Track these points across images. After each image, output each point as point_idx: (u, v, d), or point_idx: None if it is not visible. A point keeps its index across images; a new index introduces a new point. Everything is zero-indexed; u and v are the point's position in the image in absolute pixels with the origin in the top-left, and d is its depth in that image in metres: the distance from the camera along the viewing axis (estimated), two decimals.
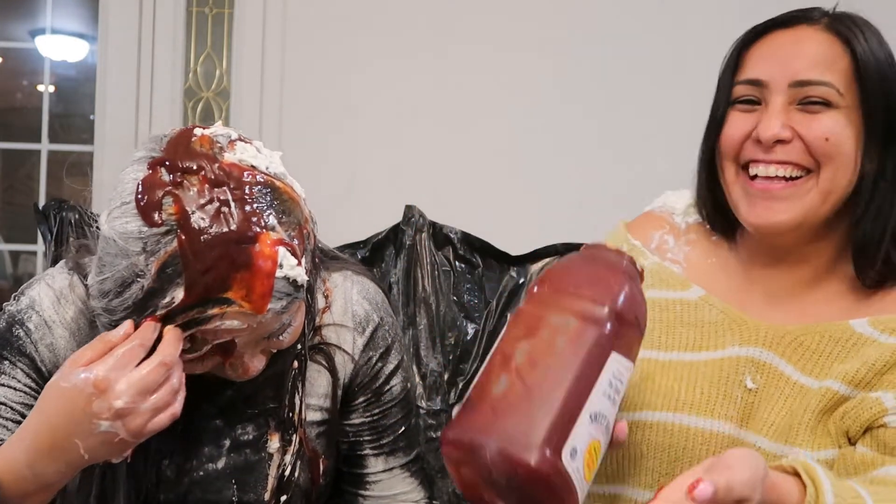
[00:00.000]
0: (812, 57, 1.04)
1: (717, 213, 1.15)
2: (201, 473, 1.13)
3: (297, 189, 1.02)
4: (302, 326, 1.06)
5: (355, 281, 1.20)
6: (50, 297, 1.11)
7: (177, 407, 0.96)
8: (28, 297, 1.11)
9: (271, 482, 1.13)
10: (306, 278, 0.98)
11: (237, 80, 2.63)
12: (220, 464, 1.14)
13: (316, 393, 1.16)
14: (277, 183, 0.99)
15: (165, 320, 0.94)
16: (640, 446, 1.08)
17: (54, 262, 1.55)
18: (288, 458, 1.13)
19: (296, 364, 1.12)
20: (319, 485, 1.16)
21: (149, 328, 0.94)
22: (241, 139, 1.02)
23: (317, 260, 1.10)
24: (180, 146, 0.98)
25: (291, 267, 0.95)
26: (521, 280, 1.60)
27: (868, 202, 1.05)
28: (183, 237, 0.92)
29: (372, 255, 1.63)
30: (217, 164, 0.96)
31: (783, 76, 1.05)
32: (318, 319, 1.15)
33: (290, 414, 1.13)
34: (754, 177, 1.06)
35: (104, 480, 1.09)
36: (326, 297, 1.17)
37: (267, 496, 1.13)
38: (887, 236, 1.06)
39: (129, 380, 0.92)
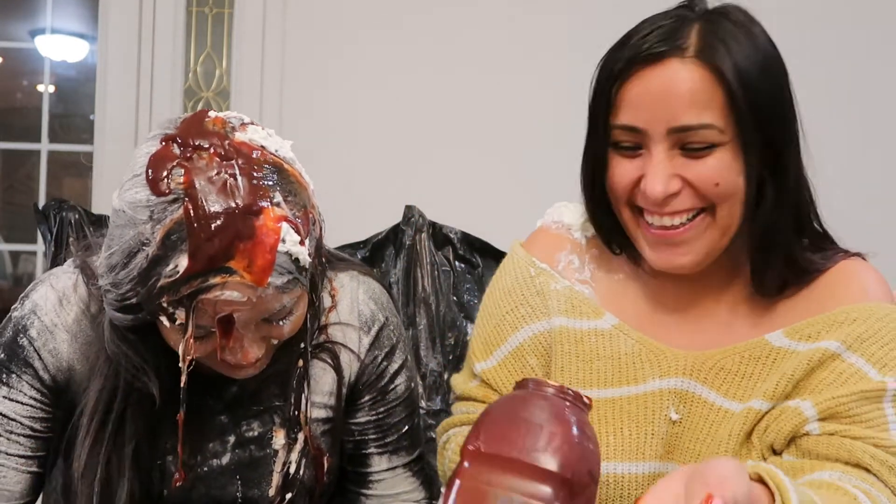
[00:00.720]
0: (686, 99, 0.97)
1: (614, 234, 1.10)
2: (206, 469, 1.13)
3: (304, 176, 1.04)
4: (304, 319, 1.06)
5: (361, 281, 1.21)
6: (52, 300, 1.12)
7: None
8: (31, 301, 1.12)
9: (276, 479, 1.13)
10: (309, 260, 0.99)
11: (237, 80, 2.63)
12: (225, 460, 1.14)
13: (321, 391, 1.17)
14: (286, 165, 1.01)
15: (169, 290, 0.95)
16: None
17: (54, 262, 1.56)
18: (294, 456, 1.14)
19: (300, 363, 1.12)
20: (323, 483, 1.16)
21: None
22: (252, 123, 1.04)
23: (324, 259, 1.10)
24: (193, 125, 1.00)
25: (294, 243, 0.97)
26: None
27: (764, 219, 1.02)
28: (189, 205, 0.94)
29: (372, 255, 1.63)
30: (228, 142, 0.99)
31: (660, 123, 0.98)
32: (323, 318, 1.16)
33: (296, 412, 1.13)
34: (651, 223, 1.02)
35: (109, 465, 1.08)
36: (332, 296, 1.18)
37: (271, 492, 1.13)
38: (782, 242, 1.03)
39: None
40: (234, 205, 0.94)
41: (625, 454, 1.05)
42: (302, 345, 1.11)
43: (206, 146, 0.98)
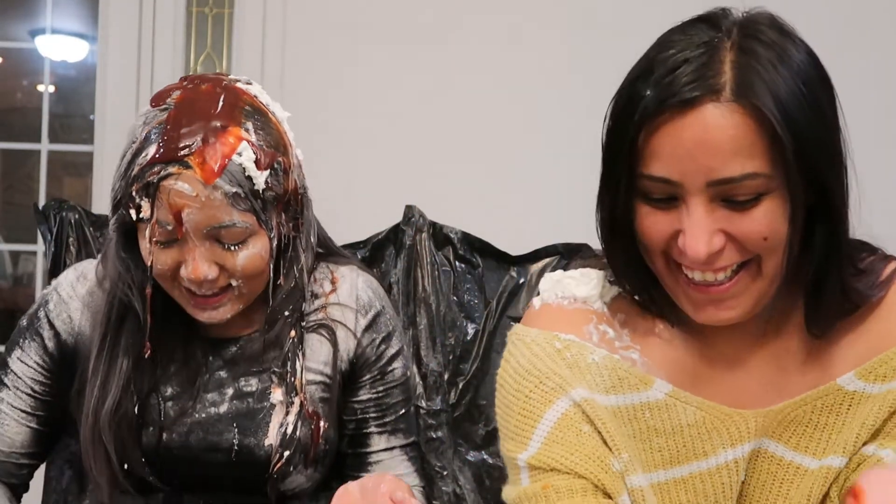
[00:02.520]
0: (727, 149, 0.84)
1: (648, 286, 0.97)
2: (203, 416, 1.22)
3: (289, 136, 1.21)
4: (264, 265, 1.18)
5: (361, 274, 1.33)
6: (71, 277, 1.31)
7: None
8: (55, 281, 1.32)
9: (273, 433, 1.21)
10: (264, 186, 1.14)
11: None
12: (223, 409, 1.23)
13: (317, 359, 1.26)
14: (270, 114, 1.19)
15: (139, 177, 1.12)
16: None
17: (54, 262, 1.57)
18: (290, 417, 1.21)
19: (293, 333, 1.23)
20: (318, 445, 1.23)
21: None
22: (258, 86, 1.23)
23: (312, 239, 1.27)
24: (205, 74, 1.25)
25: (250, 161, 1.13)
26: (521, 280, 1.60)
27: (818, 263, 0.92)
28: (172, 112, 1.14)
29: (372, 255, 1.63)
30: (225, 83, 1.19)
31: (698, 176, 0.86)
32: (324, 299, 1.28)
33: (292, 379, 1.22)
34: (691, 278, 0.91)
35: (108, 375, 1.21)
36: (333, 282, 1.30)
37: (268, 441, 1.20)
38: (835, 280, 0.92)
39: None
40: (210, 114, 1.13)
41: None
42: (290, 311, 1.23)
43: (206, 82, 1.18)
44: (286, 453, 1.20)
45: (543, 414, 0.96)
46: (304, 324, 1.26)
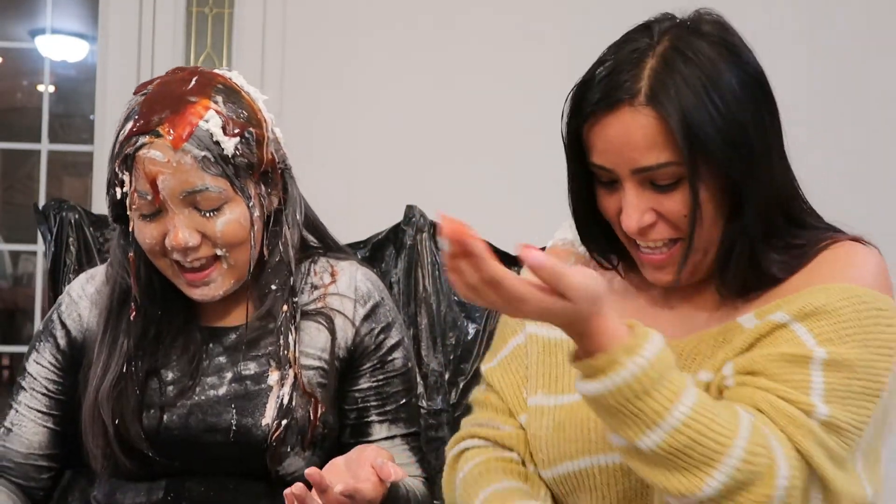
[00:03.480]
0: (642, 144, 1.02)
1: (607, 251, 1.16)
2: (203, 398, 1.26)
3: (265, 115, 1.28)
4: (245, 233, 1.23)
5: (360, 268, 1.37)
6: (82, 280, 1.38)
7: None
8: (68, 287, 1.39)
9: (270, 409, 1.24)
10: (233, 152, 1.21)
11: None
12: (221, 391, 1.26)
13: (315, 346, 1.30)
14: (244, 94, 1.27)
15: (118, 154, 1.21)
16: (579, 493, 1.11)
17: (54, 262, 1.57)
18: (286, 389, 1.25)
19: (285, 307, 1.28)
20: (316, 426, 1.26)
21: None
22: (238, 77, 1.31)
23: (299, 216, 1.32)
24: (184, 66, 1.32)
25: (217, 127, 1.20)
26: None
27: (728, 236, 1.06)
28: (150, 94, 1.23)
29: (372, 255, 1.63)
30: (201, 69, 1.29)
31: (624, 165, 1.04)
32: (323, 290, 1.32)
33: (286, 352, 1.26)
34: (639, 246, 1.08)
35: (111, 355, 1.26)
36: (333, 275, 1.34)
37: (265, 421, 1.24)
38: (743, 252, 1.06)
39: None
40: (182, 91, 1.22)
41: (594, 448, 1.09)
42: (278, 285, 1.28)
43: (185, 70, 1.27)
44: (283, 422, 1.23)
45: (509, 340, 1.22)
46: (301, 309, 1.30)
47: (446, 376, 1.57)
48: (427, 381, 1.55)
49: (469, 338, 1.58)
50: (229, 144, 1.21)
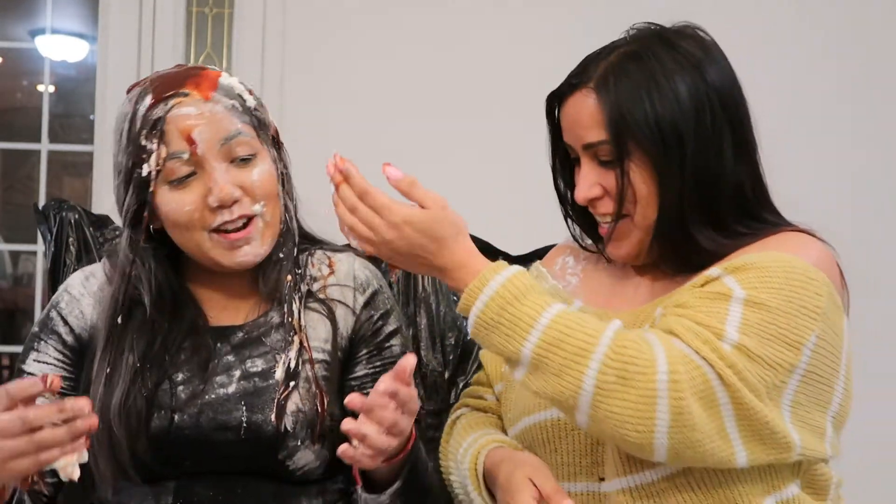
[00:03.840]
0: (586, 122, 1.18)
1: (592, 234, 1.30)
2: (213, 397, 1.25)
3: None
4: (276, 186, 1.29)
5: (358, 258, 1.39)
6: (80, 277, 1.36)
7: (41, 458, 1.04)
8: (64, 285, 1.37)
9: (278, 402, 1.24)
10: (254, 102, 1.29)
11: None
12: (231, 389, 1.26)
13: (318, 337, 1.31)
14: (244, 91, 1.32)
15: (143, 124, 1.23)
16: (535, 448, 1.22)
17: (54, 262, 1.56)
18: (292, 354, 1.27)
19: (289, 278, 1.32)
20: (324, 419, 1.26)
21: (33, 385, 1.06)
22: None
23: (295, 192, 1.37)
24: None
25: (236, 81, 1.28)
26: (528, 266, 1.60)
27: (668, 219, 1.17)
28: (154, 80, 1.27)
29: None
30: (195, 66, 1.31)
31: (577, 141, 1.21)
32: (322, 281, 1.35)
33: (290, 319, 1.30)
34: (599, 221, 1.24)
35: (113, 370, 1.25)
36: (331, 266, 1.37)
37: (273, 416, 1.24)
38: (679, 231, 1.17)
39: None
40: (188, 69, 1.28)
41: (547, 403, 1.17)
42: (284, 254, 1.31)
43: (172, 69, 1.31)
44: (291, 384, 1.25)
45: None
46: (302, 299, 1.32)
47: (446, 376, 1.57)
48: (426, 382, 1.55)
49: (468, 338, 1.58)
50: (250, 98, 1.29)
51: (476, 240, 1.63)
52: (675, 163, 1.15)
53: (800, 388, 1.08)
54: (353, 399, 1.09)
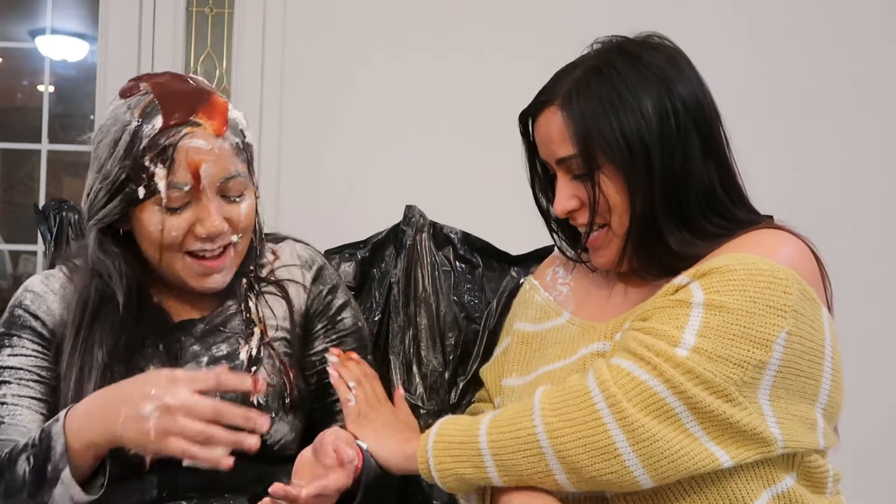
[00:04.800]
0: (556, 137, 1.22)
1: (576, 245, 1.34)
2: None
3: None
4: (254, 218, 1.31)
5: (297, 242, 1.45)
6: (39, 278, 1.35)
7: (199, 454, 1.09)
8: (22, 287, 1.35)
9: (244, 354, 1.29)
10: (250, 143, 1.30)
11: (237, 80, 2.63)
12: None
13: (276, 315, 1.36)
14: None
15: (151, 147, 1.21)
16: None
17: (53, 263, 1.56)
18: (253, 343, 1.31)
19: (244, 281, 1.35)
20: (293, 389, 1.31)
21: (244, 380, 1.12)
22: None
23: (259, 226, 1.37)
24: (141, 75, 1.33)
25: (240, 116, 1.29)
26: (521, 280, 1.60)
27: (641, 224, 1.21)
28: (158, 90, 1.25)
29: (372, 255, 1.63)
30: (179, 74, 1.32)
31: (550, 157, 1.25)
32: (269, 267, 1.39)
33: (248, 314, 1.33)
34: (581, 232, 1.27)
35: (82, 369, 1.25)
36: (274, 253, 1.41)
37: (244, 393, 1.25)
38: (653, 237, 1.21)
39: (188, 395, 1.09)
40: (191, 88, 1.27)
41: None
42: (249, 266, 1.35)
43: (163, 74, 1.31)
44: (253, 369, 1.28)
45: (501, 343, 1.42)
46: (256, 288, 1.36)
47: (446, 376, 1.57)
48: (426, 382, 1.55)
49: (469, 338, 1.58)
50: (250, 134, 1.31)
51: (477, 240, 1.64)
52: (643, 170, 1.18)
53: (777, 382, 1.09)
54: (275, 490, 1.11)
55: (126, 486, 1.23)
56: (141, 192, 1.22)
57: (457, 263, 1.62)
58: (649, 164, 1.18)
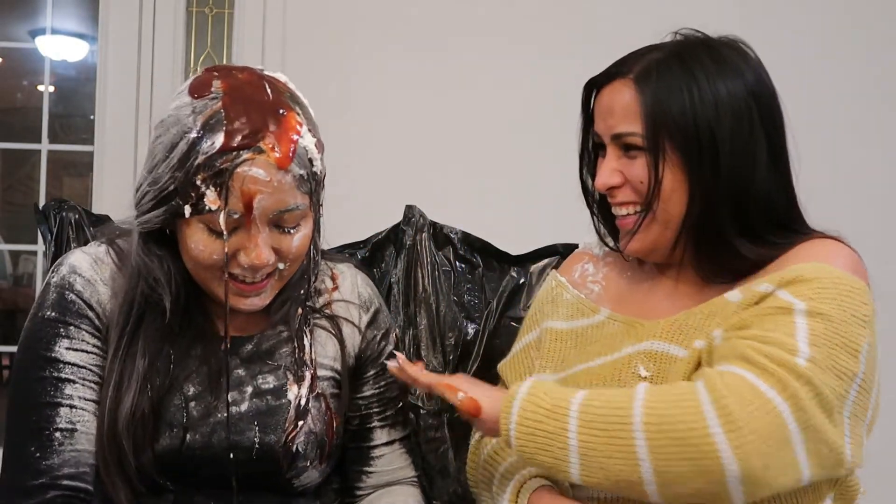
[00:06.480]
0: (619, 112, 1.19)
1: (613, 235, 1.30)
2: (225, 415, 1.20)
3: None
4: (308, 248, 1.21)
5: (358, 272, 1.38)
6: (87, 260, 1.23)
7: None
8: (67, 265, 1.22)
9: (290, 421, 1.22)
10: (321, 168, 1.17)
11: None
12: (244, 407, 1.22)
13: (326, 354, 1.29)
14: (303, 99, 1.22)
15: (206, 166, 1.10)
16: None
17: (54, 262, 1.56)
18: (303, 391, 1.23)
19: (300, 311, 1.27)
20: (332, 439, 1.26)
21: None
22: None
23: (318, 238, 1.28)
24: (225, 65, 1.22)
25: (311, 144, 1.15)
26: (521, 280, 1.60)
27: (696, 221, 1.18)
28: (227, 98, 1.12)
29: (372, 255, 1.63)
30: (257, 72, 1.19)
31: (607, 130, 1.22)
32: (328, 296, 1.32)
33: (301, 354, 1.25)
34: (615, 214, 1.24)
35: (122, 375, 1.18)
36: (334, 279, 1.34)
37: (285, 437, 1.21)
38: (714, 238, 1.18)
39: None
40: (265, 100, 1.14)
41: None
42: (302, 291, 1.27)
43: (241, 70, 1.18)
44: (300, 423, 1.22)
45: (522, 339, 1.38)
46: (310, 322, 1.28)
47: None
48: None
49: (469, 338, 1.58)
50: (319, 162, 1.17)
51: (477, 240, 1.64)
52: (708, 164, 1.16)
53: (856, 397, 1.07)
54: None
55: (141, 501, 1.19)
56: (187, 210, 1.12)
57: (457, 263, 1.62)
58: (715, 159, 1.16)
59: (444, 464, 1.54)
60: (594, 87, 1.25)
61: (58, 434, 1.16)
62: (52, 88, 2.95)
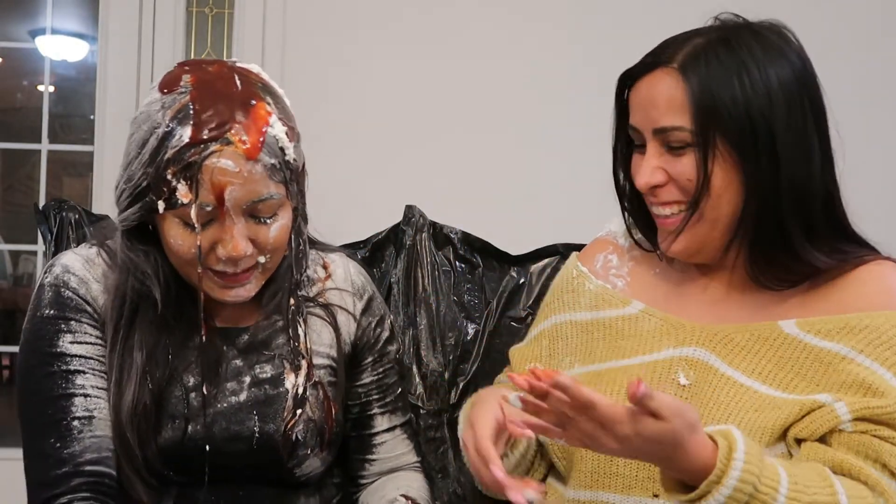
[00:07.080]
0: (663, 104, 1.10)
1: (647, 233, 1.23)
2: (225, 405, 1.22)
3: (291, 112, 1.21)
4: (288, 237, 1.20)
5: (349, 260, 1.38)
6: (79, 260, 1.24)
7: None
8: (60, 265, 1.23)
9: (288, 410, 1.23)
10: (293, 157, 1.16)
11: None
12: (242, 397, 1.23)
13: (322, 343, 1.29)
14: (276, 89, 1.20)
15: (175, 160, 1.10)
16: (579, 450, 1.14)
17: (56, 252, 1.56)
18: (300, 380, 1.24)
19: (292, 301, 1.27)
20: (332, 427, 1.27)
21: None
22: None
23: (303, 227, 1.28)
24: (196, 59, 1.24)
25: (282, 133, 1.14)
26: (521, 280, 1.60)
27: (753, 221, 1.11)
28: (195, 92, 1.13)
29: (372, 255, 1.63)
30: (228, 64, 1.20)
31: (647, 124, 1.12)
32: (321, 285, 1.32)
33: (296, 344, 1.25)
34: (656, 214, 1.16)
35: (121, 370, 1.19)
36: (326, 268, 1.34)
37: (284, 426, 1.22)
38: (774, 240, 1.11)
39: None
40: (234, 92, 1.14)
41: None
42: (288, 280, 1.26)
43: (211, 64, 1.19)
44: (298, 412, 1.23)
45: (538, 326, 1.31)
46: (304, 311, 1.29)
47: (446, 376, 1.57)
48: (427, 382, 1.55)
49: (468, 338, 1.58)
50: (291, 151, 1.16)
51: (477, 240, 1.64)
52: (765, 158, 1.08)
53: None
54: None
55: (147, 492, 1.20)
56: (161, 205, 1.12)
57: (457, 263, 1.61)
58: (773, 156, 1.08)
59: (444, 464, 1.53)
60: (629, 79, 1.16)
61: (76, 423, 1.17)
62: (52, 88, 2.95)
